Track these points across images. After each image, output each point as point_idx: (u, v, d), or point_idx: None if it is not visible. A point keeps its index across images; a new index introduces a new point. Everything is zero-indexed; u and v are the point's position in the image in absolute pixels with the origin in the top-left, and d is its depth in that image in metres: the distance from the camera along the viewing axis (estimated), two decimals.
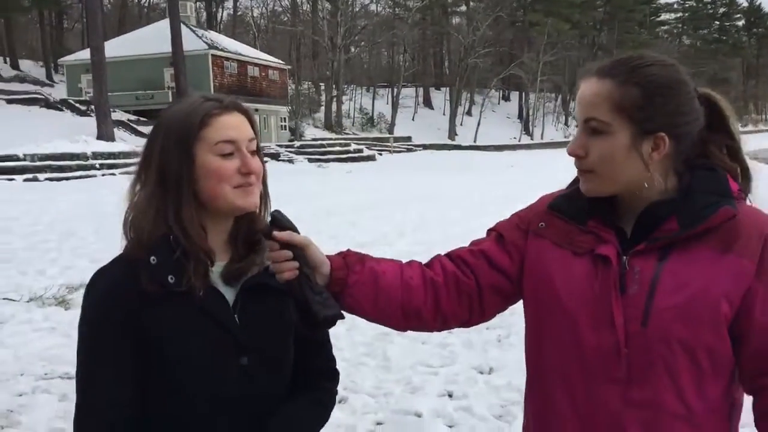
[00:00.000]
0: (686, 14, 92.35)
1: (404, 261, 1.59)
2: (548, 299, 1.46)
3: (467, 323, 1.58)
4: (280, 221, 1.42)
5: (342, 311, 1.43)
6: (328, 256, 1.48)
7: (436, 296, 1.52)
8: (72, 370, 5.20)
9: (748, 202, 1.43)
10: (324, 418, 1.61)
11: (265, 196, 1.54)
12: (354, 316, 1.53)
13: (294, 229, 1.43)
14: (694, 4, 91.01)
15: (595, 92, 1.38)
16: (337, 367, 1.70)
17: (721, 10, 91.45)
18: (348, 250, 1.53)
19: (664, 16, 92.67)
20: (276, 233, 1.40)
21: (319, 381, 1.63)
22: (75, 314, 7.17)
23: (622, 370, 1.36)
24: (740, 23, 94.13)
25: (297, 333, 1.52)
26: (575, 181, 1.50)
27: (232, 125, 1.43)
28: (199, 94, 1.50)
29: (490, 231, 1.61)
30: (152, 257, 1.37)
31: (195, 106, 1.43)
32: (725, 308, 1.32)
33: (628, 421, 1.36)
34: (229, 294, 1.46)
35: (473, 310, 1.55)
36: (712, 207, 1.34)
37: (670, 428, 1.35)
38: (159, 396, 1.40)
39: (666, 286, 1.33)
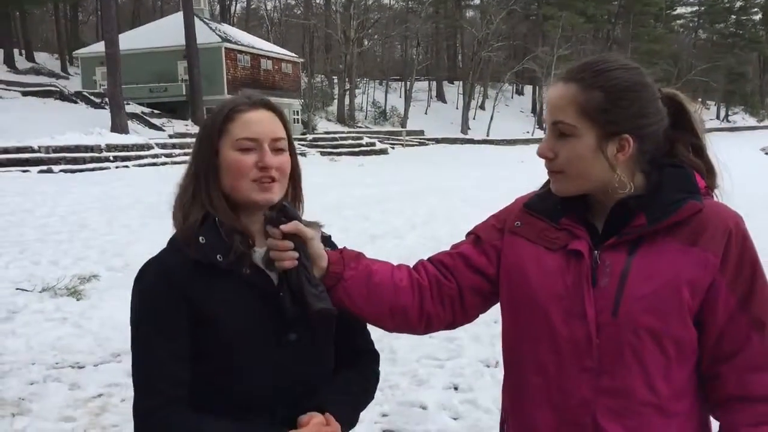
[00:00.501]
0: (702, 8, 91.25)
1: (404, 260, 1.64)
2: (522, 293, 1.51)
3: (451, 325, 1.64)
4: (288, 211, 1.47)
5: (333, 306, 1.47)
6: (325, 251, 1.53)
7: (421, 298, 1.57)
8: (82, 359, 5.28)
9: (714, 198, 1.48)
10: (370, 394, 1.67)
11: (297, 192, 1.60)
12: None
13: (300, 221, 1.47)
14: None
15: (561, 96, 1.43)
16: None
17: (738, 4, 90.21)
18: (344, 248, 1.59)
19: (679, 10, 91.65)
20: (283, 226, 1.44)
21: (362, 360, 1.69)
22: (86, 305, 7.27)
23: (594, 359, 1.41)
24: (757, 17, 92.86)
25: (339, 316, 1.55)
26: (548, 182, 1.55)
27: (255, 121, 1.49)
28: (243, 93, 1.56)
29: (468, 234, 1.67)
30: (201, 237, 1.44)
31: (226, 102, 1.52)
32: (689, 299, 1.37)
33: (599, 409, 1.41)
34: (272, 277, 1.51)
35: (456, 312, 1.61)
36: (679, 202, 1.38)
37: (639, 415, 1.40)
38: (209, 375, 1.45)
39: (635, 277, 1.38)
